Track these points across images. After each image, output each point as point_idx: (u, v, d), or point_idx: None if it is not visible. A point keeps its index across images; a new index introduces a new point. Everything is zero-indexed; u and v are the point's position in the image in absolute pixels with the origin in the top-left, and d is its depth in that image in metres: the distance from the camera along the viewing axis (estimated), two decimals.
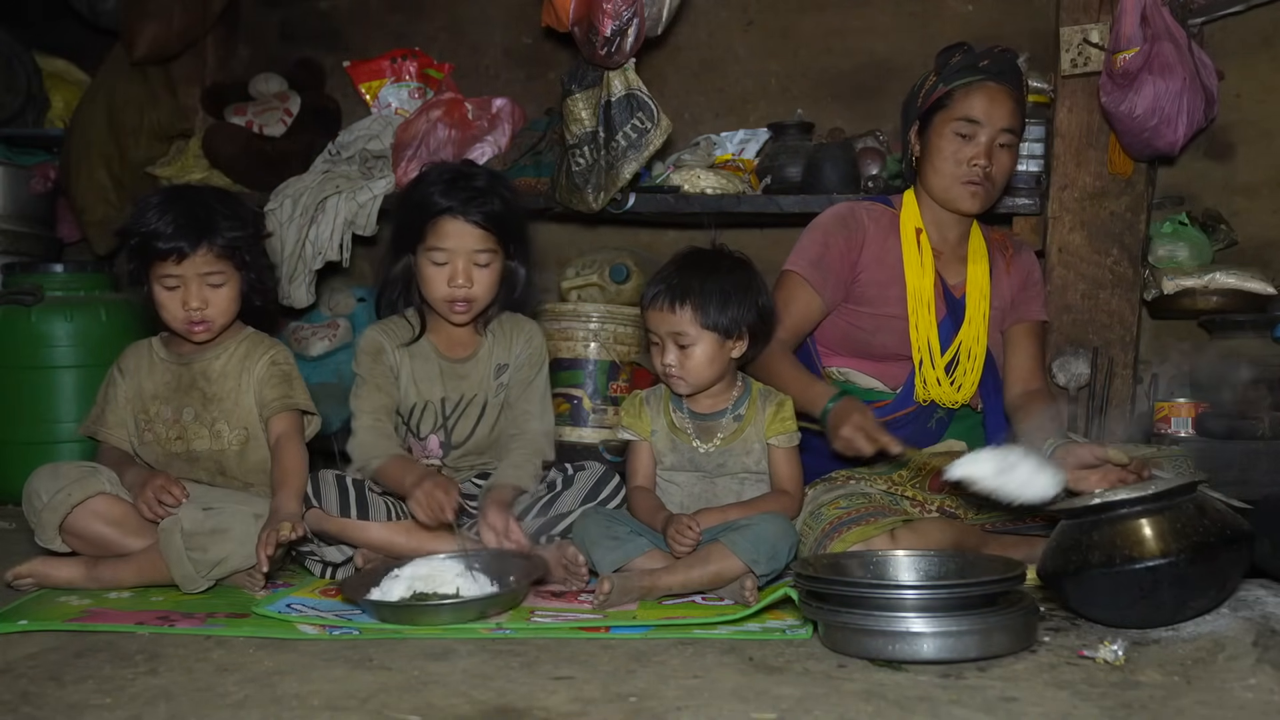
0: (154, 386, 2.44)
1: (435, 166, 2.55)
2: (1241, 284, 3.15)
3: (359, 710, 1.53)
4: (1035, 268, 2.71)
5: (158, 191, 2.45)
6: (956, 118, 2.46)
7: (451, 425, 2.48)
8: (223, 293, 2.38)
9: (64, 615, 2.04)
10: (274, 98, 3.79)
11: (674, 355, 2.31)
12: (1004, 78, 2.49)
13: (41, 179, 3.92)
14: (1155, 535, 1.83)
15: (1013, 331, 2.64)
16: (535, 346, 2.54)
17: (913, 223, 2.58)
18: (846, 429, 2.24)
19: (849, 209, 2.62)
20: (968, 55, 2.52)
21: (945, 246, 2.59)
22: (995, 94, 2.46)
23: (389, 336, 2.48)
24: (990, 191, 2.50)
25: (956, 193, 2.50)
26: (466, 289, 2.39)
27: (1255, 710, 1.51)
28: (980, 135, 2.45)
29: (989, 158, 2.46)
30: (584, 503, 2.36)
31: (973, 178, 2.47)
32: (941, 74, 2.52)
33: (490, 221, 2.39)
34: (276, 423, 2.40)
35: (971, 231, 2.63)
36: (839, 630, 1.78)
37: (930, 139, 2.52)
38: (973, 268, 2.59)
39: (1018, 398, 2.57)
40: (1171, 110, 2.96)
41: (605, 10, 2.92)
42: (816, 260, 2.54)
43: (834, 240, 2.55)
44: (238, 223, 2.38)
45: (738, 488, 2.37)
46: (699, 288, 2.29)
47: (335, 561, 2.37)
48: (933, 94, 2.52)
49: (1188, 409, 3.08)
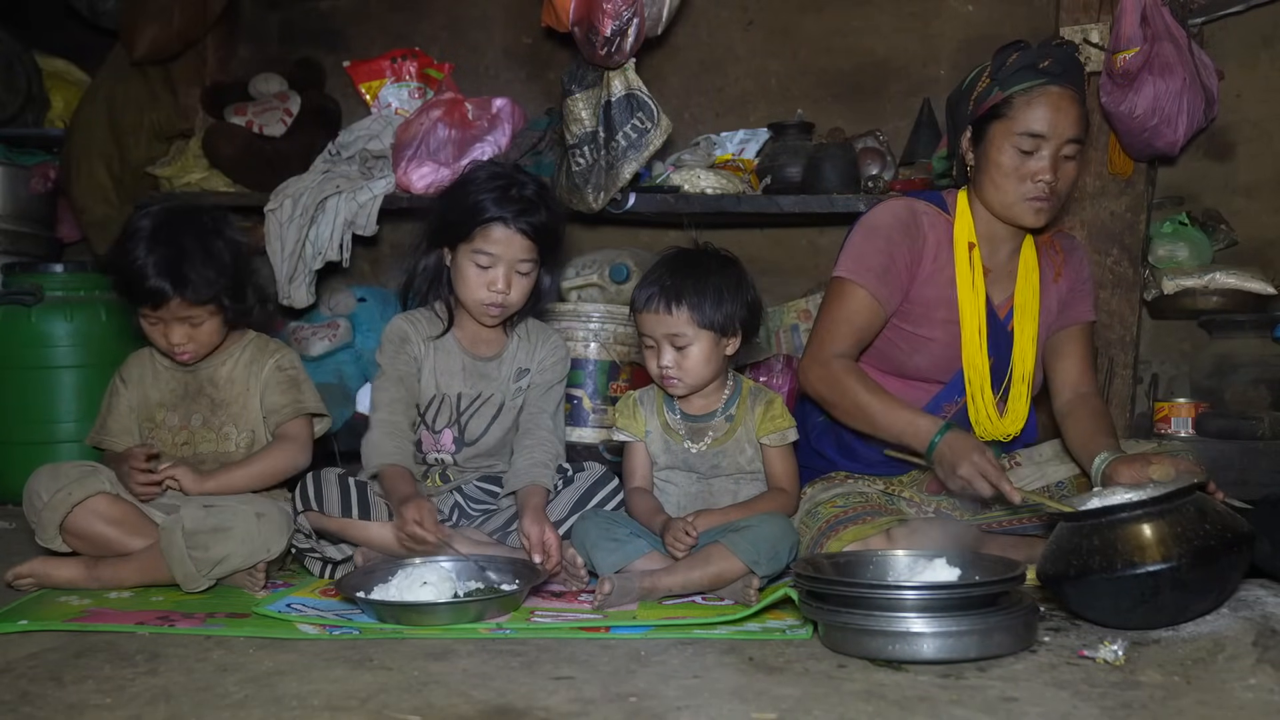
0: (160, 394, 2.45)
1: (484, 167, 2.52)
2: (1241, 284, 3.15)
3: (359, 710, 1.53)
4: (1085, 266, 2.53)
5: (145, 222, 2.34)
6: (1018, 132, 2.24)
7: (465, 421, 2.49)
8: (204, 329, 2.39)
9: (64, 615, 2.04)
10: (274, 98, 3.79)
11: (671, 356, 2.30)
12: (1066, 79, 2.25)
13: (41, 179, 3.92)
14: (1156, 540, 1.83)
15: (1061, 336, 2.46)
16: (559, 357, 2.56)
17: (966, 236, 2.37)
18: (965, 469, 2.09)
19: (908, 210, 2.39)
20: (1025, 54, 2.27)
21: (995, 263, 2.41)
22: (1059, 100, 2.23)
23: (415, 326, 2.49)
24: (1055, 205, 2.30)
25: (1020, 210, 2.29)
26: (505, 295, 2.41)
27: (1255, 710, 1.51)
28: (1044, 149, 2.23)
29: (1054, 172, 2.24)
30: (576, 507, 2.36)
31: (1038, 194, 2.26)
32: (997, 76, 2.28)
33: (537, 233, 2.40)
34: (284, 429, 2.43)
35: (1024, 243, 2.43)
36: (839, 630, 1.78)
37: (987, 151, 2.30)
38: (1021, 285, 2.41)
39: (1067, 403, 2.41)
40: (1171, 110, 2.96)
41: (605, 10, 2.93)
42: (882, 271, 2.33)
43: (898, 250, 2.34)
44: (213, 271, 2.33)
45: (734, 488, 2.37)
46: (694, 287, 2.28)
47: (336, 559, 2.37)
48: (987, 99, 2.29)
49: (1188, 409, 3.08)
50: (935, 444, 2.17)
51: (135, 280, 2.31)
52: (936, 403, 2.41)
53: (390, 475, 2.31)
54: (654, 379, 2.38)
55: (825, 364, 2.34)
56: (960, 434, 2.17)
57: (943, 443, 2.16)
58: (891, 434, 2.26)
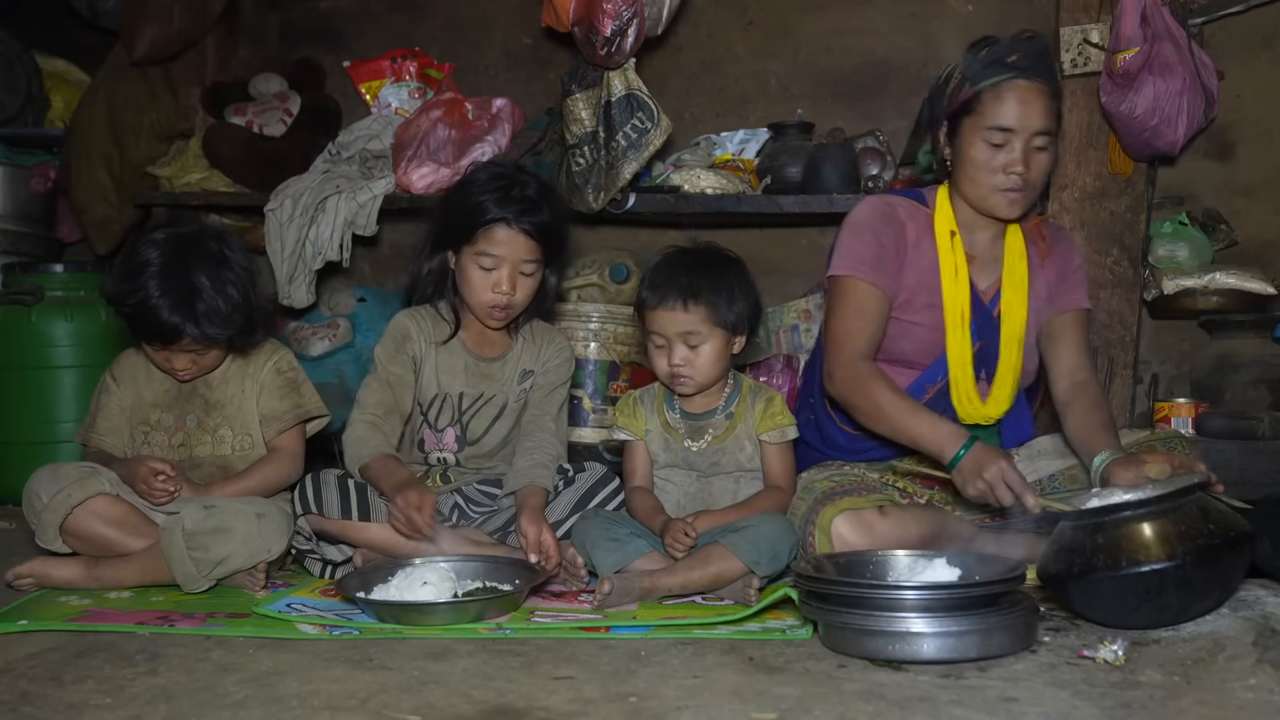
0: (154, 395, 2.45)
1: (485, 168, 2.52)
2: (1241, 284, 3.15)
3: (359, 710, 1.53)
4: (1074, 253, 2.56)
5: (153, 254, 2.29)
6: (987, 126, 2.29)
7: (467, 421, 2.49)
8: (210, 357, 2.39)
9: (64, 615, 2.04)
10: (274, 98, 3.79)
11: (682, 355, 2.30)
12: (1034, 72, 2.30)
13: (41, 179, 3.92)
14: (1161, 538, 1.83)
15: (1055, 323, 2.47)
16: (564, 359, 2.56)
17: (947, 225, 2.43)
18: (991, 472, 2.08)
19: (884, 204, 2.46)
20: (994, 49, 2.34)
21: (977, 249, 2.45)
22: (1026, 94, 2.28)
23: (419, 324, 2.49)
24: (1029, 195, 2.36)
25: (994, 202, 2.35)
26: (509, 296, 2.40)
27: (1255, 710, 1.51)
28: (1015, 142, 2.29)
29: (1026, 164, 2.30)
30: (577, 508, 2.36)
31: (1010, 185, 2.31)
32: (967, 73, 2.35)
33: (540, 233, 2.40)
34: (278, 442, 2.44)
35: (1008, 229, 2.47)
36: (839, 630, 1.78)
37: (961, 146, 2.36)
38: (1009, 270, 2.45)
39: (1065, 391, 2.41)
40: (1171, 110, 2.96)
41: (605, 10, 2.92)
42: (876, 261, 2.38)
43: (885, 238, 2.40)
44: (227, 309, 2.29)
45: (733, 486, 2.37)
46: (710, 285, 2.29)
47: (335, 560, 2.37)
48: (959, 95, 2.35)
49: (1188, 409, 3.08)
50: (960, 456, 2.15)
51: (147, 321, 2.29)
52: (920, 385, 2.42)
53: (379, 463, 2.31)
54: (661, 378, 2.38)
55: (847, 366, 2.34)
56: (985, 447, 2.16)
57: (968, 455, 2.14)
58: (910, 438, 2.25)
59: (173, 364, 2.36)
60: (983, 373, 2.43)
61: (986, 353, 2.43)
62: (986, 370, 2.43)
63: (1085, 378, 2.43)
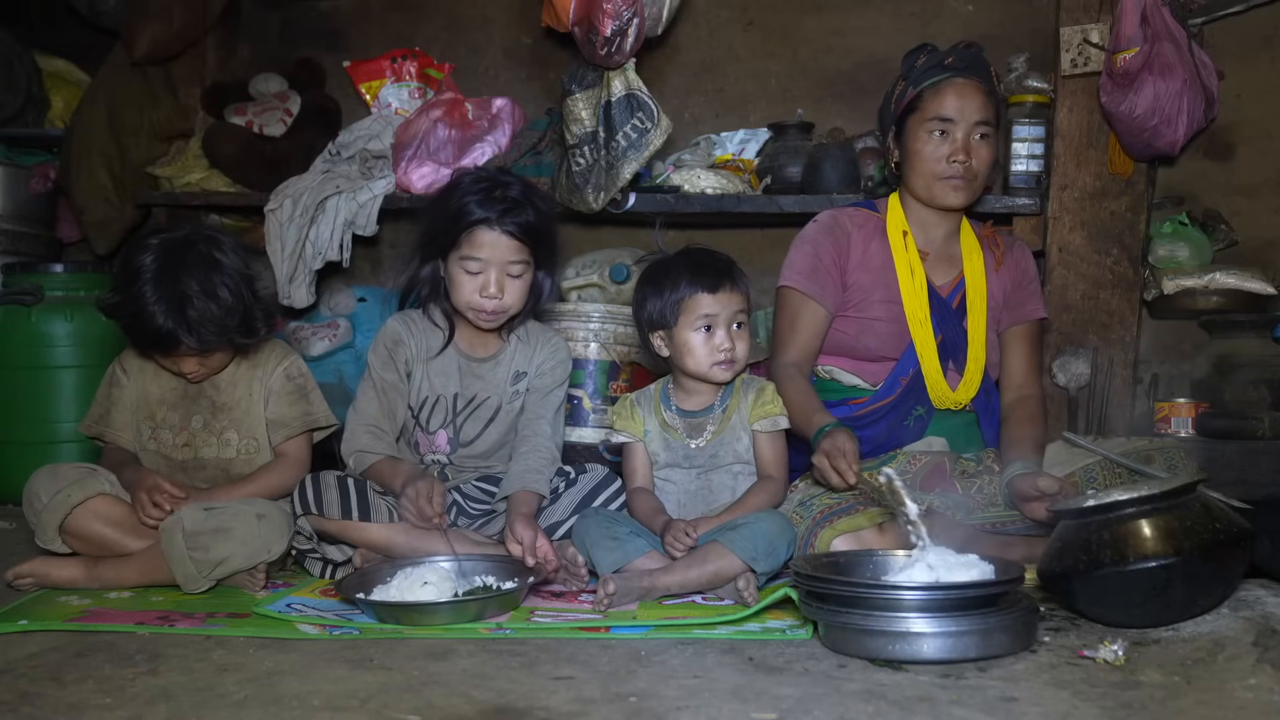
0: (160, 391, 2.44)
1: (468, 174, 2.52)
2: (1241, 284, 3.15)
3: (359, 710, 1.53)
4: (1030, 264, 2.69)
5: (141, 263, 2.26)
6: (929, 118, 2.48)
7: (461, 423, 2.49)
8: (215, 358, 2.39)
9: (64, 615, 2.04)
10: (274, 98, 3.79)
11: (732, 336, 2.34)
12: (971, 72, 2.50)
13: (41, 179, 3.92)
14: (1167, 533, 1.84)
15: (1010, 334, 2.63)
16: (559, 360, 2.56)
17: (899, 226, 2.59)
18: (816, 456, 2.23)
19: (831, 217, 2.64)
20: (932, 55, 2.54)
21: (932, 247, 2.60)
22: (963, 89, 2.48)
23: (410, 329, 2.49)
24: (973, 184, 2.52)
25: (939, 190, 2.51)
26: (498, 299, 2.41)
27: (1255, 710, 1.51)
28: (956, 131, 2.47)
29: (967, 152, 2.48)
30: (578, 509, 2.36)
31: (953, 173, 2.49)
32: (909, 77, 2.55)
33: (525, 233, 2.40)
34: (284, 448, 2.43)
35: (961, 228, 2.63)
36: (839, 630, 1.78)
37: (907, 143, 2.54)
38: (968, 265, 2.60)
39: (1009, 405, 2.57)
40: (1171, 110, 2.96)
41: (605, 10, 2.92)
42: (810, 271, 2.56)
43: (823, 249, 2.57)
44: (221, 314, 2.27)
45: (732, 482, 2.38)
46: (737, 271, 2.38)
47: (336, 560, 2.37)
48: (904, 98, 2.54)
49: (1188, 409, 3.08)
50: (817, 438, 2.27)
51: (143, 333, 2.29)
52: (894, 376, 2.55)
53: (385, 464, 2.33)
54: (699, 369, 2.35)
55: (777, 370, 2.52)
56: (837, 430, 2.25)
57: (824, 438, 2.25)
58: (801, 429, 2.36)
59: (181, 368, 2.36)
60: (950, 363, 2.56)
61: (952, 344, 2.56)
62: (955, 361, 2.57)
63: (1030, 393, 2.58)
